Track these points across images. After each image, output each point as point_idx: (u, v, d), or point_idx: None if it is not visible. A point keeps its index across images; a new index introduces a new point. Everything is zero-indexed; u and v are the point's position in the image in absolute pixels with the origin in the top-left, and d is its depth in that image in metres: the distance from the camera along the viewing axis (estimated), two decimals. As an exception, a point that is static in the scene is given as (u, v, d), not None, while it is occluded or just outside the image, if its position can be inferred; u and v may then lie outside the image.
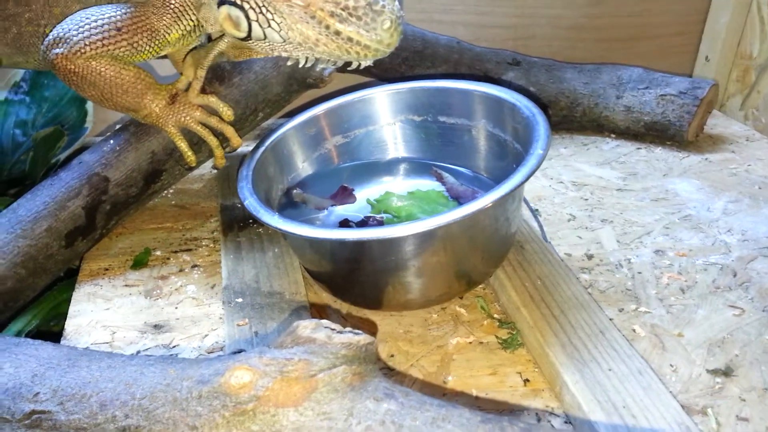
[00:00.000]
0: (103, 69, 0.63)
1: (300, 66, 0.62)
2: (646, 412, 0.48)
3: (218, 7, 0.62)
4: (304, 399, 0.37)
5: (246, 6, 0.60)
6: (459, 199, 0.70)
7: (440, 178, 0.74)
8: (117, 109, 0.67)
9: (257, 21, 0.60)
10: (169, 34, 0.65)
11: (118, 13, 0.63)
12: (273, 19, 0.59)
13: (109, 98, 0.65)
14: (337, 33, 0.57)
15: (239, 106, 0.73)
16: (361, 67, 0.60)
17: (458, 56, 0.99)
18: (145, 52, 0.65)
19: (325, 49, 0.59)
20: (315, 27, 0.58)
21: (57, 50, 0.62)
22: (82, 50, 0.62)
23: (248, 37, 0.61)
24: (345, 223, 0.68)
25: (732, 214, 0.77)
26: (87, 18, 0.63)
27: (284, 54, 0.62)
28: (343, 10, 0.56)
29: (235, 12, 0.61)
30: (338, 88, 0.90)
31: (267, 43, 0.61)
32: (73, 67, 0.62)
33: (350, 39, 0.57)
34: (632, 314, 0.61)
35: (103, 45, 0.62)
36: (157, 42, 0.65)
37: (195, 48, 0.71)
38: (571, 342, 0.55)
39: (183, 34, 0.66)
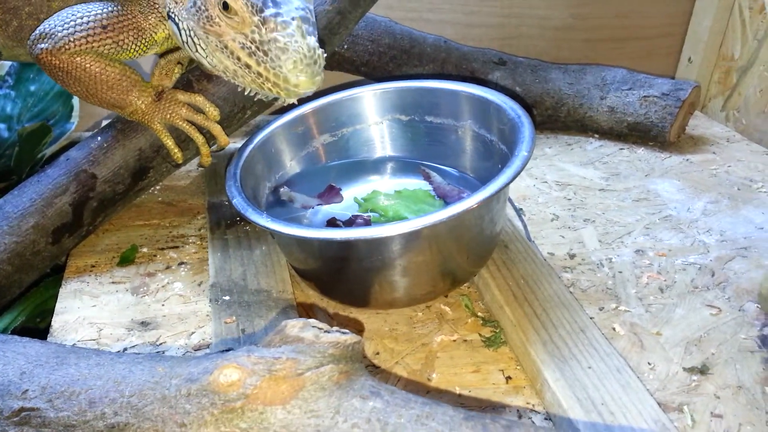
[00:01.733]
0: (87, 65, 0.64)
1: (245, 93, 0.60)
2: (623, 410, 0.50)
3: (167, 19, 0.63)
4: (291, 397, 0.37)
5: (180, 26, 0.61)
6: (445, 199, 0.71)
7: (428, 177, 0.75)
8: (102, 105, 0.68)
9: (187, 43, 0.60)
10: (155, 33, 0.65)
11: (105, 11, 0.64)
12: (199, 44, 0.59)
13: (94, 94, 0.66)
14: (248, 66, 0.56)
15: (227, 104, 0.73)
16: (286, 103, 0.58)
17: (445, 55, 1.00)
18: (131, 50, 0.65)
19: (243, 81, 0.58)
20: (229, 57, 0.57)
21: (42, 45, 0.63)
22: (66, 46, 0.62)
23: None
24: (332, 222, 0.69)
25: (711, 214, 0.79)
26: (73, 15, 0.63)
27: (225, 78, 0.61)
28: (251, 43, 0.55)
29: (174, 29, 0.61)
30: (326, 87, 0.90)
31: (205, 65, 0.62)
32: (57, 62, 0.63)
33: (260, 74, 0.56)
34: (612, 313, 0.62)
35: (87, 42, 0.63)
36: (143, 41, 0.65)
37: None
38: (552, 340, 0.56)
39: (169, 35, 0.66)
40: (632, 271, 0.68)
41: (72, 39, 0.62)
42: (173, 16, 0.61)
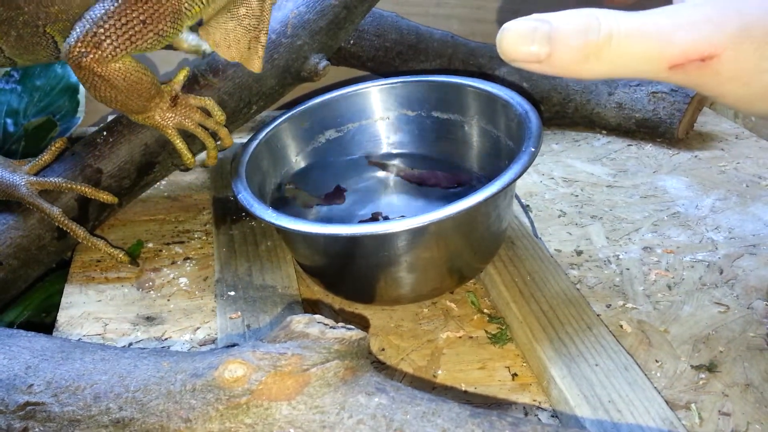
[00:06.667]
0: (129, 73, 0.61)
1: None
2: (631, 407, 0.49)
3: None
4: (297, 393, 0.37)
5: None
6: (425, 182, 0.71)
7: (384, 168, 0.74)
8: (122, 110, 0.65)
9: None
10: (191, 9, 0.62)
11: (139, 3, 0.59)
12: None
13: (122, 100, 0.63)
14: None
15: (233, 99, 0.73)
16: None
17: (452, 51, 0.99)
18: (170, 35, 0.62)
19: None
20: None
21: (89, 55, 0.58)
22: (113, 53, 0.59)
23: None
24: (375, 217, 0.69)
25: (720, 211, 0.78)
26: (109, 17, 0.59)
27: None
28: None
29: None
30: (332, 82, 0.90)
31: None
32: (101, 71, 0.59)
33: None
34: (620, 310, 0.62)
35: (132, 43, 0.59)
36: (180, 22, 0.61)
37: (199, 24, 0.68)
38: (559, 337, 0.56)
39: (203, 4, 0.62)
40: (640, 268, 0.68)
41: (117, 45, 0.59)
42: None
